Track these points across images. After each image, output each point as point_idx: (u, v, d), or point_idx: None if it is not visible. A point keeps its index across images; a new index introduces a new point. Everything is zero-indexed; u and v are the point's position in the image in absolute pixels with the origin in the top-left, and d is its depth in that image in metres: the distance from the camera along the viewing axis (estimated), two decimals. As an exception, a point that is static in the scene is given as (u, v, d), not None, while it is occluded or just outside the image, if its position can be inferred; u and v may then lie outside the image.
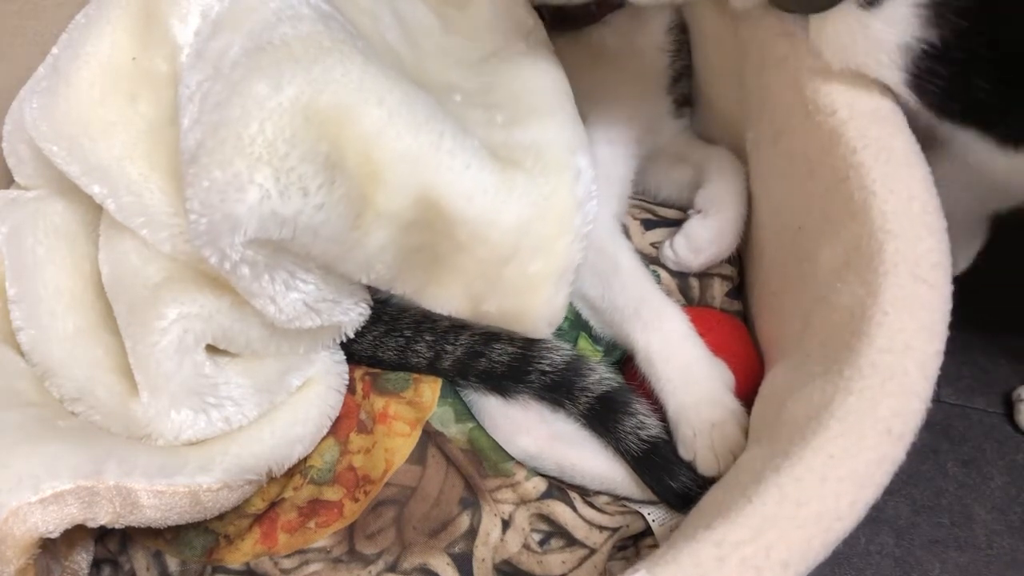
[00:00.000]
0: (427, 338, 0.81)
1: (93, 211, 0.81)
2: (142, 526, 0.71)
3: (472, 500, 0.78)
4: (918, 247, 0.60)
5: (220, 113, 0.65)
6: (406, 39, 0.83)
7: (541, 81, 0.82)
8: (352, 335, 0.82)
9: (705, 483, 0.73)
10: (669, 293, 0.87)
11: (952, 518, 0.93)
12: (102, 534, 0.79)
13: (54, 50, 0.81)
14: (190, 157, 0.66)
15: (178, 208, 0.74)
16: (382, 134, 0.67)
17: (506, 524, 0.77)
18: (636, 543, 0.79)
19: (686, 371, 0.79)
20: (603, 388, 0.79)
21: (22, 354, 0.80)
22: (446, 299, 0.77)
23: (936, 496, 0.94)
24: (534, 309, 0.75)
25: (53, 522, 0.66)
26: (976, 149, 0.73)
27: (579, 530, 0.77)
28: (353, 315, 0.80)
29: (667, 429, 0.78)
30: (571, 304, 0.86)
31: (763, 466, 0.54)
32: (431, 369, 0.82)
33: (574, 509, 0.78)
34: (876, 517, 0.91)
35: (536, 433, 0.79)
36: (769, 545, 0.48)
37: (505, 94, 0.81)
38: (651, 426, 0.77)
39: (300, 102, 0.66)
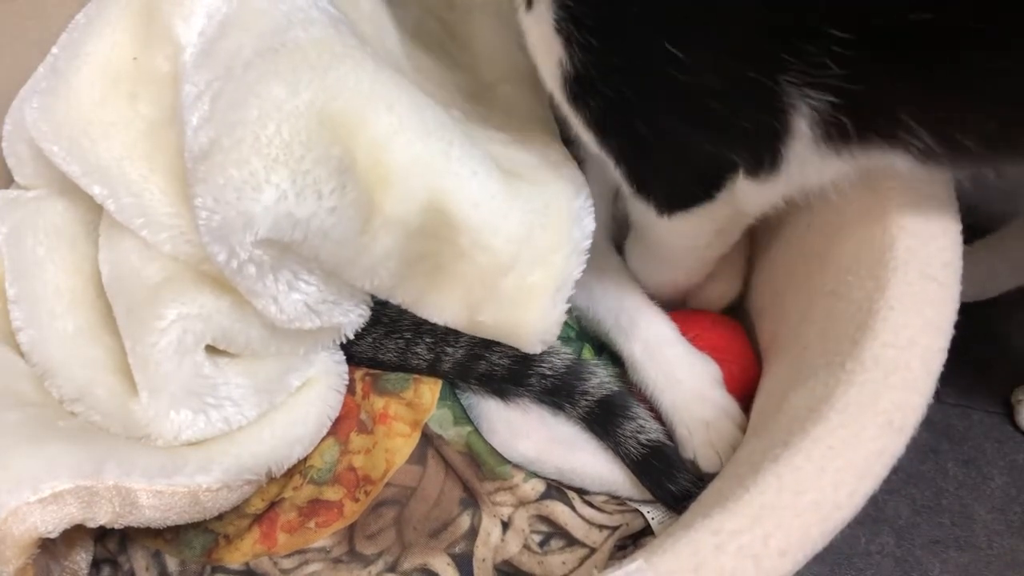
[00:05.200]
0: (427, 340, 0.81)
1: (93, 211, 0.81)
2: (141, 526, 0.71)
3: (472, 500, 0.78)
4: (930, 245, 0.60)
5: (237, 113, 0.66)
6: (404, 48, 0.84)
7: (536, 112, 0.84)
8: (352, 336, 0.82)
9: (705, 485, 0.73)
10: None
11: (952, 518, 0.93)
12: (101, 534, 0.79)
13: (54, 50, 0.81)
14: (202, 154, 0.66)
15: (179, 209, 0.75)
16: (392, 140, 0.68)
17: (506, 525, 0.77)
18: (636, 542, 0.79)
19: (670, 373, 0.80)
20: (603, 392, 0.79)
21: (22, 354, 0.80)
22: (443, 307, 0.77)
23: (936, 496, 0.94)
24: (529, 322, 0.75)
25: (52, 522, 0.66)
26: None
27: (578, 530, 0.77)
28: (353, 316, 0.80)
29: (668, 433, 0.78)
30: (576, 315, 0.87)
31: (762, 457, 0.54)
32: (431, 371, 0.82)
33: (573, 509, 0.78)
34: (876, 517, 0.90)
35: (535, 437, 0.79)
36: (767, 533, 0.48)
37: (502, 120, 0.82)
38: (651, 430, 0.77)
39: (315, 106, 0.66)
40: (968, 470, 0.96)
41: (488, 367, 0.80)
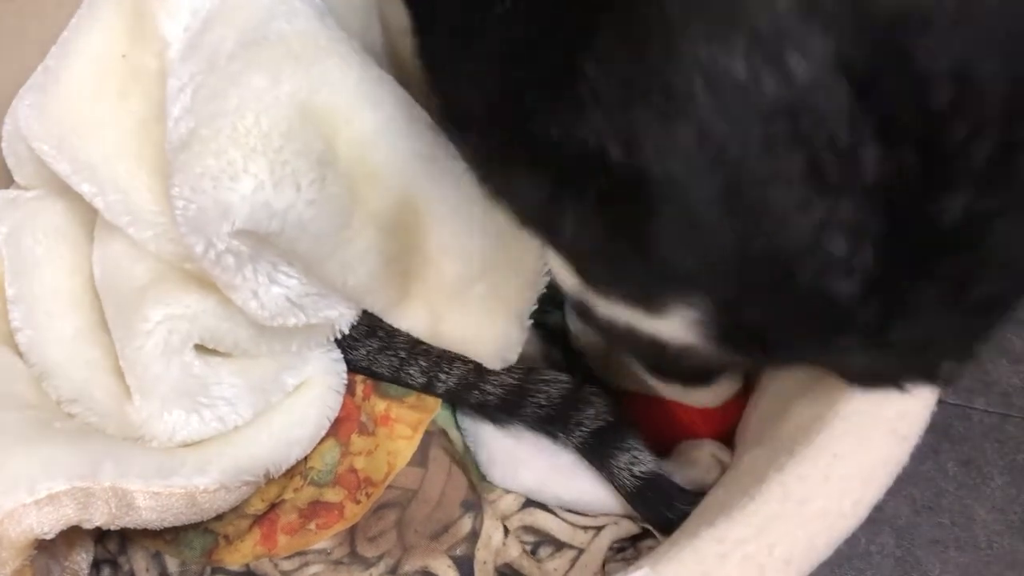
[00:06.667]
0: (421, 363, 0.80)
1: (92, 211, 0.80)
2: (139, 528, 0.71)
3: (473, 503, 0.78)
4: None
5: (216, 103, 0.66)
6: (387, 43, 0.84)
7: None
8: (347, 331, 0.80)
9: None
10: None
11: (952, 518, 0.93)
12: (102, 535, 0.79)
13: (53, 49, 0.80)
14: (181, 144, 0.66)
15: (164, 207, 0.74)
16: (378, 139, 0.68)
17: (507, 529, 0.77)
18: (635, 544, 0.78)
19: None
20: (598, 424, 0.77)
21: (20, 355, 0.79)
22: (411, 313, 0.77)
23: (936, 496, 0.94)
24: (492, 338, 0.75)
25: (48, 523, 0.65)
26: None
27: (563, 533, 0.77)
28: (343, 309, 0.79)
29: (660, 463, 0.76)
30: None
31: (766, 465, 0.53)
32: (425, 391, 0.81)
33: (555, 514, 0.78)
34: (876, 517, 0.90)
35: (534, 466, 0.79)
36: (772, 543, 0.48)
37: None
38: (645, 461, 0.75)
39: (297, 98, 0.66)
40: (968, 470, 0.96)
41: (481, 397, 0.79)
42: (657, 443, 0.77)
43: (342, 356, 0.83)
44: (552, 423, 0.78)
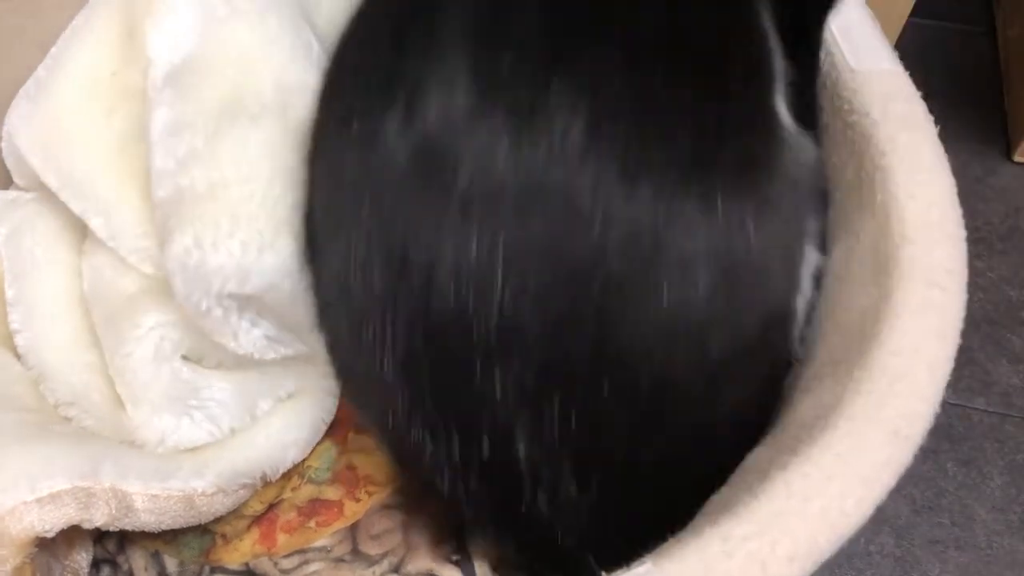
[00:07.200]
0: None
1: (86, 215, 0.80)
2: (138, 530, 0.71)
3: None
4: (934, 253, 0.60)
5: (247, 165, 0.66)
6: None
7: None
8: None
9: None
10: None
11: (952, 518, 0.93)
12: (100, 534, 0.78)
13: (53, 50, 0.80)
14: (194, 193, 0.65)
15: (147, 229, 0.73)
16: None
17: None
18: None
19: None
20: None
21: (18, 357, 0.79)
22: None
23: (936, 496, 0.94)
24: None
25: (50, 521, 0.65)
26: None
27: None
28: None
29: None
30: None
31: (769, 464, 0.53)
32: None
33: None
34: (876, 517, 0.90)
35: None
36: (775, 540, 0.48)
37: None
38: None
39: None
40: (968, 470, 0.96)
41: None
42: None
43: (336, 360, 0.83)
44: None
